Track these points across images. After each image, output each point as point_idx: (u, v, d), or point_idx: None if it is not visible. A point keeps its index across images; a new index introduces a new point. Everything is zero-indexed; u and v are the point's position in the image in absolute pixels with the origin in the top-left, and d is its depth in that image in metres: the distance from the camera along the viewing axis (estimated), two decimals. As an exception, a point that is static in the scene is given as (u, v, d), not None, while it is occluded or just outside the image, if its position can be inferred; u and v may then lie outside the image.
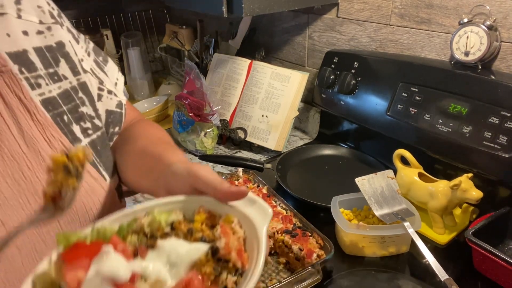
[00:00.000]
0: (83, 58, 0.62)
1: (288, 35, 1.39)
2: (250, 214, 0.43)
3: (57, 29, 0.57)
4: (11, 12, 0.52)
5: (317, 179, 1.07)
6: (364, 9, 1.12)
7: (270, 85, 1.25)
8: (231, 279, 0.36)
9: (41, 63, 0.54)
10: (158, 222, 0.42)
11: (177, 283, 0.35)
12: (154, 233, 0.42)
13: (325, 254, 0.73)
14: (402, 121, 0.98)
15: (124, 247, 0.38)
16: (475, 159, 0.84)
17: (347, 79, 1.10)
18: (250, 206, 0.44)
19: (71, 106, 0.57)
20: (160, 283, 0.35)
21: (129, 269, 0.35)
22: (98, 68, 0.66)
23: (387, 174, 0.84)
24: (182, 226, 0.42)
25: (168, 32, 1.77)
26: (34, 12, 0.55)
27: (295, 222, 0.81)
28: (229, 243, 0.38)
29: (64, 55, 0.57)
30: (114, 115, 0.67)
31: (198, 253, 0.37)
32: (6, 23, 0.51)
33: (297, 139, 1.34)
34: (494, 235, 0.74)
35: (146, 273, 0.36)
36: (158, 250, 0.39)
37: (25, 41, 0.53)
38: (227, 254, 0.38)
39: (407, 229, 0.74)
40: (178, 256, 0.37)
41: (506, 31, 0.85)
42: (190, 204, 0.46)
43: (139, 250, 0.39)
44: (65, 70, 0.57)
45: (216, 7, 0.99)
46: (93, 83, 0.62)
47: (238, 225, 0.43)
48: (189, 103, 1.26)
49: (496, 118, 0.80)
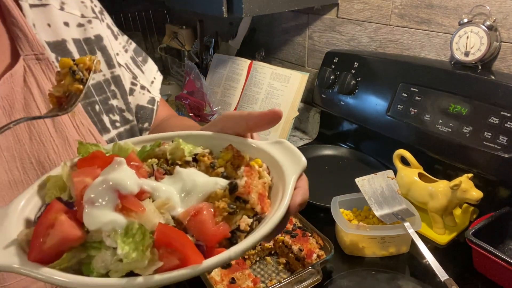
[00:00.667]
0: (119, 53, 0.64)
1: (288, 35, 1.39)
2: (281, 161, 0.40)
3: (97, 23, 0.60)
4: (54, 4, 0.54)
5: (317, 179, 1.07)
6: (364, 9, 1.12)
7: (270, 85, 1.25)
8: (245, 220, 0.34)
9: (78, 54, 0.56)
10: (181, 150, 0.40)
11: (186, 211, 0.33)
12: (175, 160, 0.40)
13: (325, 255, 0.73)
14: (402, 121, 0.98)
15: (140, 166, 0.36)
16: (475, 159, 0.84)
17: (347, 79, 1.10)
18: (283, 153, 0.42)
19: (102, 98, 0.59)
20: (168, 206, 0.33)
21: (138, 184, 0.33)
22: (134, 64, 0.68)
23: (387, 174, 0.84)
24: (205, 159, 0.39)
25: (168, 33, 1.77)
26: (77, 6, 0.57)
27: (295, 223, 0.81)
28: (251, 184, 0.36)
29: (101, 48, 0.60)
30: (144, 110, 0.68)
31: (215, 186, 0.35)
32: (48, 14, 0.53)
33: (297, 139, 1.34)
34: (494, 235, 0.74)
35: (156, 194, 0.34)
36: (175, 176, 0.37)
37: (65, 32, 0.55)
38: (246, 193, 0.35)
39: (407, 229, 0.74)
40: (194, 186, 0.35)
41: (506, 31, 0.85)
42: (220, 141, 0.43)
43: (156, 173, 0.37)
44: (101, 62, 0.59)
45: (216, 7, 0.99)
46: (127, 77, 0.64)
47: (267, 171, 0.41)
48: (189, 103, 1.26)
49: (496, 118, 0.80)
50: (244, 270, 0.70)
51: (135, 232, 0.29)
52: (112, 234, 0.30)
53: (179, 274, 0.28)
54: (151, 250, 0.29)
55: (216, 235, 0.32)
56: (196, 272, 0.29)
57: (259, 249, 0.78)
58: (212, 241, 0.32)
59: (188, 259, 0.29)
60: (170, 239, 0.29)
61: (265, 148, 0.43)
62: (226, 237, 0.33)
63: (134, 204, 0.31)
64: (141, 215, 0.31)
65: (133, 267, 0.28)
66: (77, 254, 0.30)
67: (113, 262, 0.29)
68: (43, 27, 0.53)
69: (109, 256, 0.29)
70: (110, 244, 0.30)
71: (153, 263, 0.29)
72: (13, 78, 0.48)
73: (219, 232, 0.32)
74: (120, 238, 0.29)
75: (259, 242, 0.33)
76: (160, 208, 0.33)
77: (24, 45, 0.50)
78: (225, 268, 0.71)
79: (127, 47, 0.68)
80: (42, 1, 0.53)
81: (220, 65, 1.39)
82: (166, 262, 0.29)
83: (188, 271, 0.28)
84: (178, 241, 0.30)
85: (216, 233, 0.32)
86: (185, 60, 1.49)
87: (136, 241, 0.29)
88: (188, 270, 0.29)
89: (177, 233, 0.30)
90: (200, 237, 0.32)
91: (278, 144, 0.43)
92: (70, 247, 0.30)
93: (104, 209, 0.30)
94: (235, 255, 0.31)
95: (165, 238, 0.29)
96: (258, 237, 0.32)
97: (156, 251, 0.29)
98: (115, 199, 0.31)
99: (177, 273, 0.28)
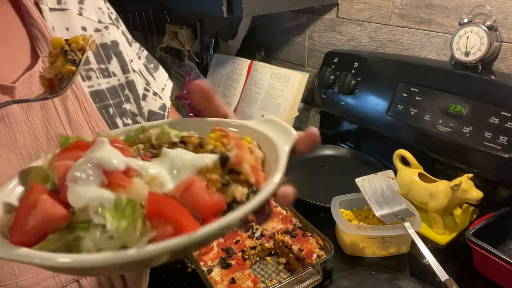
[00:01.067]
0: (133, 59, 0.65)
1: (288, 35, 1.39)
2: (270, 135, 0.39)
3: (113, 29, 0.61)
4: (73, 9, 0.56)
5: (317, 179, 1.06)
6: (364, 9, 1.12)
7: (270, 85, 1.25)
8: (240, 190, 0.32)
9: (94, 58, 0.57)
10: (167, 134, 0.39)
11: (177, 185, 0.31)
12: (161, 145, 0.38)
13: (325, 255, 0.73)
14: (402, 121, 0.98)
15: (125, 148, 0.35)
16: (475, 159, 0.84)
17: (347, 79, 1.10)
18: (272, 128, 0.40)
19: (116, 101, 0.60)
20: (158, 182, 0.31)
21: (123, 162, 0.31)
22: (147, 71, 0.69)
23: (387, 174, 0.84)
24: (193, 139, 0.38)
25: (168, 32, 1.77)
26: (94, 12, 0.59)
27: (295, 223, 0.81)
28: (242, 155, 0.34)
29: (117, 53, 0.61)
30: (156, 116, 0.70)
31: (205, 160, 0.33)
32: (67, 18, 0.55)
33: (297, 139, 1.34)
34: (494, 235, 0.74)
35: (143, 173, 0.32)
36: (162, 157, 0.35)
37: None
38: (238, 164, 0.34)
39: (407, 229, 0.74)
40: (183, 163, 0.33)
41: (506, 31, 0.85)
42: (206, 125, 0.42)
43: (142, 156, 0.36)
44: (116, 67, 0.60)
45: (216, 7, 0.99)
46: (140, 83, 0.65)
47: (257, 147, 0.39)
48: (189, 103, 1.26)
49: (496, 119, 0.80)
50: (244, 270, 0.70)
51: (125, 206, 0.28)
52: (100, 210, 0.28)
53: (175, 243, 0.26)
54: (142, 221, 0.27)
55: (212, 205, 0.30)
56: (192, 240, 0.27)
57: (259, 249, 0.78)
58: (207, 212, 0.30)
59: (182, 227, 0.27)
60: (162, 207, 0.28)
61: (253, 126, 0.42)
62: (222, 208, 0.31)
63: (120, 179, 0.30)
64: (129, 189, 0.29)
65: (125, 241, 0.27)
66: (63, 236, 0.28)
67: (104, 240, 0.27)
68: (61, 31, 0.54)
69: (98, 235, 0.27)
70: (98, 222, 0.28)
71: (146, 234, 0.27)
72: (32, 78, 0.49)
73: (215, 202, 0.31)
74: (109, 213, 0.27)
75: (258, 207, 0.31)
76: (149, 183, 0.31)
77: (43, 46, 0.51)
78: (225, 268, 0.71)
79: (140, 54, 0.69)
80: (62, 5, 0.55)
81: (220, 65, 1.39)
82: (160, 231, 0.27)
83: (184, 239, 0.26)
84: (170, 209, 0.28)
85: (211, 203, 0.30)
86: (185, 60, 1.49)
87: (127, 215, 0.27)
88: (184, 238, 0.26)
89: (169, 201, 0.29)
90: (195, 209, 0.30)
91: (265, 121, 0.42)
92: (55, 228, 0.28)
93: (89, 185, 0.29)
94: (233, 221, 0.29)
95: (157, 207, 0.28)
96: (257, 201, 0.30)
97: (148, 223, 0.27)
98: (99, 176, 0.29)
99: (171, 241, 0.26)
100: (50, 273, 0.49)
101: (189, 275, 0.78)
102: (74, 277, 0.52)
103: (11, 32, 0.50)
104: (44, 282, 0.49)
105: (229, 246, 0.75)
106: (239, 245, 0.76)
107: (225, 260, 0.72)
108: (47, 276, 0.49)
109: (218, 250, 0.75)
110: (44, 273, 0.49)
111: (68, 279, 0.51)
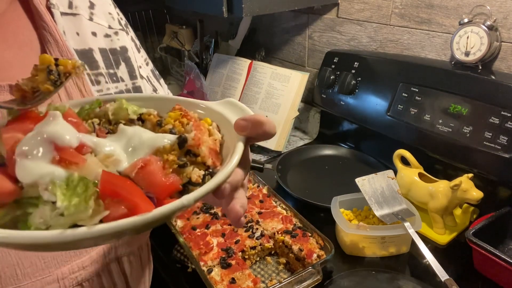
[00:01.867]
0: (141, 65, 0.65)
1: (288, 35, 1.39)
2: (230, 117, 0.39)
3: (123, 35, 0.61)
4: (84, 14, 0.56)
5: (317, 179, 1.06)
6: (364, 9, 1.12)
7: (270, 85, 1.25)
8: (197, 171, 0.32)
9: (103, 63, 0.58)
10: (125, 110, 0.38)
11: (133, 164, 0.31)
12: (118, 120, 0.37)
13: (325, 255, 0.73)
14: (402, 121, 0.98)
15: (79, 122, 0.34)
16: (475, 159, 0.84)
17: (347, 79, 1.10)
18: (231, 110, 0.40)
19: None
20: (113, 159, 0.31)
21: (76, 138, 0.30)
22: (154, 77, 0.70)
23: (387, 174, 0.84)
24: (151, 117, 0.38)
25: (168, 32, 1.77)
26: (105, 18, 0.59)
27: (295, 223, 0.81)
28: (200, 137, 0.34)
29: (126, 59, 0.61)
30: None
31: (163, 140, 0.33)
32: (78, 23, 0.55)
33: (297, 139, 1.34)
34: (494, 235, 0.74)
35: (98, 150, 0.31)
36: (119, 134, 0.34)
37: (93, 41, 0.57)
38: (195, 146, 0.33)
39: (407, 229, 0.74)
40: (140, 141, 0.33)
41: (506, 31, 0.85)
42: (167, 103, 0.41)
43: (97, 132, 0.35)
44: (124, 73, 0.61)
45: (216, 7, 0.99)
46: (148, 89, 0.66)
47: (217, 129, 0.39)
48: (189, 103, 1.26)
49: (496, 118, 0.80)
50: (244, 270, 0.70)
51: (76, 184, 0.27)
52: (50, 186, 0.27)
53: (127, 222, 0.26)
54: (95, 200, 0.27)
55: (167, 186, 0.30)
56: (146, 220, 0.26)
57: (259, 249, 0.78)
58: (162, 192, 0.30)
59: (137, 207, 0.27)
60: (116, 187, 0.27)
61: (213, 107, 0.41)
62: (177, 189, 0.31)
63: (73, 156, 0.29)
64: (82, 166, 0.28)
65: (76, 219, 0.26)
66: (10, 211, 0.28)
67: (53, 217, 0.26)
68: (72, 35, 0.54)
69: (48, 211, 0.27)
70: (48, 198, 0.27)
71: (98, 213, 0.26)
72: None
73: (170, 182, 0.30)
74: (60, 190, 0.26)
75: (213, 190, 0.31)
76: (103, 161, 0.30)
77: (54, 49, 0.51)
78: (225, 268, 0.71)
79: (148, 60, 0.70)
80: (73, 10, 0.55)
81: (220, 65, 1.39)
82: (113, 211, 0.26)
83: (137, 219, 0.26)
84: (124, 188, 0.27)
85: (167, 183, 0.30)
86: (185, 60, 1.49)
87: (78, 193, 0.26)
88: (137, 218, 0.26)
89: (124, 181, 0.28)
90: (150, 189, 0.29)
91: (226, 102, 0.42)
92: (2, 203, 0.27)
93: (40, 161, 0.28)
94: (188, 202, 0.28)
95: (110, 187, 0.27)
96: (212, 184, 0.30)
97: (101, 202, 0.27)
98: (51, 151, 0.28)
99: (124, 221, 0.26)
100: (54, 276, 0.49)
101: (189, 275, 0.78)
102: (78, 281, 0.51)
103: (22, 35, 0.50)
104: (48, 286, 0.49)
105: (229, 246, 0.75)
106: (239, 245, 0.76)
107: (225, 260, 0.72)
108: (51, 280, 0.49)
109: (218, 250, 0.75)
110: (48, 277, 0.48)
111: (71, 283, 0.51)
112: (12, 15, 0.50)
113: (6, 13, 0.49)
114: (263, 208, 0.87)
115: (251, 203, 0.88)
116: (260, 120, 0.37)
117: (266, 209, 0.86)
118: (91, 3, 0.57)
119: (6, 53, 0.48)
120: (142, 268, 0.66)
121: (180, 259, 0.81)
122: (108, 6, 0.60)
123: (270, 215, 0.83)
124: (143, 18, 1.85)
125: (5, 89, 0.45)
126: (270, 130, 0.38)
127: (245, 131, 0.37)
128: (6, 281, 0.46)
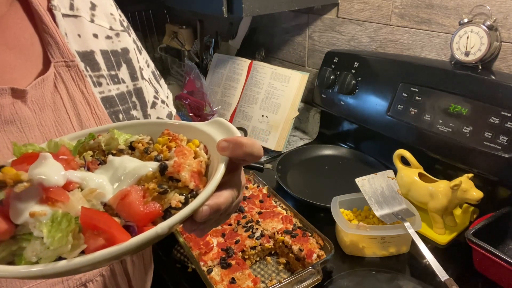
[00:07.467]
0: (143, 67, 0.65)
1: (288, 35, 1.39)
2: (216, 138, 0.41)
3: (124, 36, 0.61)
4: (85, 16, 0.56)
5: (317, 179, 1.07)
6: (364, 9, 1.12)
7: (270, 85, 1.25)
8: (177, 197, 0.34)
9: (105, 65, 0.58)
10: (116, 140, 0.41)
11: (115, 196, 0.34)
12: (111, 150, 0.41)
13: (325, 255, 0.73)
14: (402, 121, 0.98)
15: (70, 158, 0.37)
16: (475, 159, 0.84)
17: (347, 79, 1.10)
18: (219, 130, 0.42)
19: (125, 107, 0.61)
20: (96, 193, 0.34)
21: (63, 176, 0.33)
22: (155, 79, 0.70)
23: (387, 174, 0.84)
24: (139, 145, 0.40)
25: (168, 32, 1.77)
26: (106, 19, 0.59)
27: (295, 222, 0.81)
28: (182, 163, 0.36)
29: (127, 60, 0.61)
30: None
31: (145, 169, 0.36)
32: (79, 25, 0.55)
33: (297, 139, 1.34)
34: (494, 235, 0.74)
35: (85, 184, 0.34)
36: (107, 165, 0.37)
37: (94, 43, 0.57)
38: (175, 172, 0.36)
39: (407, 229, 0.74)
40: (125, 172, 0.36)
41: (506, 31, 0.85)
42: (159, 127, 0.44)
43: (89, 164, 0.38)
44: (125, 74, 0.61)
45: (216, 7, 0.99)
46: (149, 91, 0.66)
47: (204, 150, 0.41)
48: (189, 103, 1.26)
49: (496, 118, 0.80)
50: (244, 270, 0.70)
51: (60, 220, 0.30)
52: (37, 224, 0.30)
53: (103, 253, 0.29)
54: (76, 234, 0.30)
55: (144, 214, 0.33)
56: (122, 250, 0.29)
57: (259, 249, 0.78)
58: (142, 220, 0.32)
59: (114, 238, 0.29)
60: (94, 221, 0.30)
61: (201, 128, 0.43)
62: (158, 215, 0.33)
63: (58, 194, 0.32)
64: (66, 203, 0.32)
65: (59, 253, 0.29)
66: (7, 246, 0.31)
67: (43, 251, 0.30)
68: (73, 37, 0.55)
69: (38, 246, 0.30)
70: (37, 235, 0.30)
71: (78, 246, 0.29)
72: (44, 83, 0.50)
73: (148, 211, 0.33)
74: (46, 228, 0.30)
75: (189, 215, 0.33)
76: (87, 196, 0.33)
77: (55, 51, 0.51)
78: (225, 268, 0.71)
79: (149, 61, 0.70)
80: (74, 12, 0.55)
81: (220, 65, 1.39)
82: (92, 243, 0.30)
83: (113, 249, 0.29)
84: (102, 222, 0.30)
85: (144, 212, 0.33)
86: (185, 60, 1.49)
87: (62, 228, 0.30)
88: (113, 249, 0.29)
89: (101, 215, 0.31)
90: (130, 218, 0.32)
91: (214, 122, 0.44)
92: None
93: (28, 202, 0.31)
94: (162, 230, 0.31)
95: (89, 221, 0.30)
96: (187, 211, 0.33)
97: (82, 235, 0.30)
98: (39, 193, 0.32)
99: (100, 253, 0.29)
100: (59, 278, 0.49)
101: (189, 275, 0.78)
102: (81, 282, 0.52)
103: (23, 38, 0.50)
104: (53, 287, 0.49)
105: (229, 246, 0.75)
106: (239, 245, 0.76)
107: (225, 260, 0.72)
108: (56, 281, 0.49)
109: (218, 250, 0.75)
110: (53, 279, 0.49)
111: (75, 283, 0.51)
112: (13, 17, 0.50)
113: (7, 15, 0.49)
114: (263, 208, 0.87)
115: (251, 203, 0.88)
116: (240, 142, 0.38)
117: (266, 209, 0.86)
118: (92, 4, 0.57)
119: (7, 56, 0.48)
120: (145, 269, 0.66)
121: (180, 259, 0.81)
122: (110, 7, 0.60)
123: (270, 215, 0.83)
124: (143, 18, 1.85)
125: (6, 92, 0.45)
126: (251, 152, 0.39)
127: (226, 152, 0.38)
128: (12, 283, 0.46)
